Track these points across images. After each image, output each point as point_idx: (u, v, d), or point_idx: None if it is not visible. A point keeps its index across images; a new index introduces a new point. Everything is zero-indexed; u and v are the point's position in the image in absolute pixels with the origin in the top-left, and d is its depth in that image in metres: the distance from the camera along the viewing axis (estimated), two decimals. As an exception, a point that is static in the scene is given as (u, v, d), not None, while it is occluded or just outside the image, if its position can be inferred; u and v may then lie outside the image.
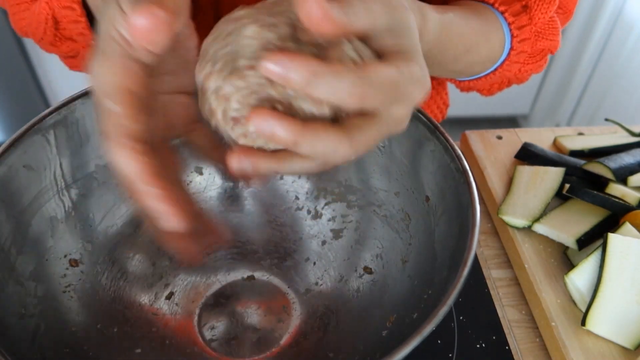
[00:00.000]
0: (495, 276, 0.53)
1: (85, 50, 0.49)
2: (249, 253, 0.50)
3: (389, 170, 0.45)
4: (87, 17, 0.44)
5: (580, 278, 0.47)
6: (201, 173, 0.49)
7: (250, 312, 0.46)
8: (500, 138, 0.66)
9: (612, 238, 0.47)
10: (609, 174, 0.56)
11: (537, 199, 0.56)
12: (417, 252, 0.43)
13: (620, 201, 0.53)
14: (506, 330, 0.48)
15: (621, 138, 0.64)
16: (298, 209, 0.50)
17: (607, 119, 0.71)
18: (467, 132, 0.66)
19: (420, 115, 0.40)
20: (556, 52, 0.52)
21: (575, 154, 0.63)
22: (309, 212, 0.50)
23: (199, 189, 0.49)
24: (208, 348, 0.44)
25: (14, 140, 0.38)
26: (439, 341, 0.47)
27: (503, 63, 0.49)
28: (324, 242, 0.49)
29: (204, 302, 0.47)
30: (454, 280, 0.31)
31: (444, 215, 0.39)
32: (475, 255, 0.33)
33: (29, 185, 0.39)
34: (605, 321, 0.45)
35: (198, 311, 0.46)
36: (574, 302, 0.48)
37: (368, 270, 0.46)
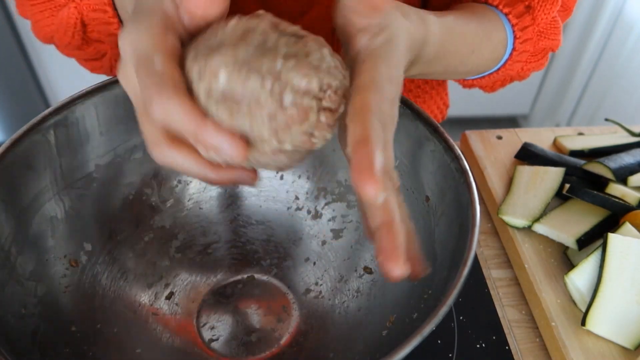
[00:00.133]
0: (495, 276, 0.53)
1: (114, 50, 0.50)
2: (249, 253, 0.50)
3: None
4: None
5: (580, 278, 0.47)
6: (201, 173, 0.49)
7: (250, 312, 0.46)
8: (500, 138, 0.66)
9: (612, 238, 0.48)
10: (609, 174, 0.56)
11: (537, 199, 0.56)
12: (417, 252, 0.42)
13: (620, 201, 0.53)
14: (506, 330, 0.48)
15: (621, 138, 0.64)
16: (298, 209, 0.50)
17: (607, 119, 0.71)
18: (467, 132, 0.66)
19: (420, 115, 0.40)
20: (557, 52, 0.52)
21: (575, 154, 0.63)
22: (309, 212, 0.50)
23: (199, 189, 0.49)
24: (208, 348, 0.44)
25: (14, 140, 0.38)
26: (439, 341, 0.47)
27: (506, 63, 0.49)
28: (324, 242, 0.49)
29: (204, 302, 0.47)
30: (453, 280, 0.31)
31: (444, 215, 0.39)
32: (475, 255, 0.33)
33: (29, 185, 0.39)
34: (605, 321, 0.45)
35: (198, 311, 0.46)
36: (574, 302, 0.48)
37: (368, 270, 0.46)
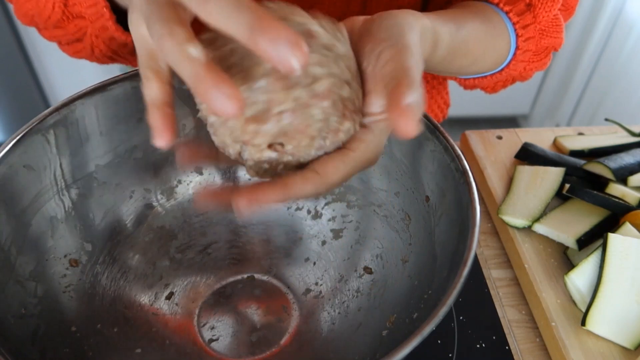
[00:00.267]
0: (495, 276, 0.53)
1: (93, 27, 0.46)
2: (249, 253, 0.50)
3: (389, 170, 0.45)
4: None
5: (580, 278, 0.47)
6: (201, 173, 0.49)
7: (250, 312, 0.46)
8: (500, 138, 0.66)
9: (612, 238, 0.47)
10: (609, 174, 0.56)
11: (537, 199, 0.56)
12: (417, 252, 0.43)
13: (620, 201, 0.53)
14: (506, 330, 0.48)
15: (621, 138, 0.64)
16: (298, 209, 0.50)
17: (607, 119, 0.71)
18: (467, 132, 0.66)
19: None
20: (557, 52, 0.52)
21: (575, 154, 0.63)
22: (309, 212, 0.50)
23: (199, 189, 0.49)
24: (208, 348, 0.44)
25: (14, 140, 0.38)
26: (439, 341, 0.47)
27: (509, 63, 0.49)
28: (324, 242, 0.49)
29: (204, 302, 0.47)
30: (454, 280, 0.31)
31: (444, 215, 0.39)
32: (475, 255, 0.33)
33: (29, 185, 0.39)
34: (605, 321, 0.45)
35: (198, 311, 0.46)
36: (574, 302, 0.48)
37: (368, 270, 0.46)
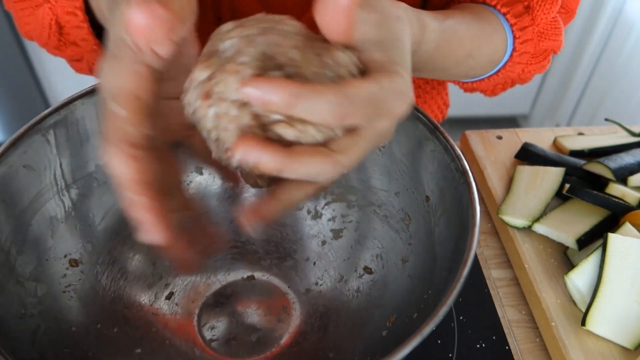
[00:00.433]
0: (495, 276, 0.53)
1: (90, 54, 0.49)
2: (249, 253, 0.50)
3: (389, 170, 0.45)
4: (92, 22, 0.44)
5: (580, 278, 0.47)
6: (201, 173, 0.49)
7: (250, 312, 0.46)
8: (500, 138, 0.66)
9: (612, 238, 0.47)
10: (609, 174, 0.56)
11: (537, 199, 0.56)
12: (417, 252, 0.43)
13: (620, 201, 0.53)
14: (506, 330, 0.48)
15: (621, 138, 0.64)
16: (298, 208, 0.50)
17: (607, 119, 0.71)
18: (467, 132, 0.66)
19: (420, 115, 0.40)
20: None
21: (575, 154, 0.63)
22: (309, 212, 0.50)
23: (199, 189, 0.49)
24: (208, 348, 0.44)
25: (14, 140, 0.38)
26: (439, 341, 0.47)
27: (506, 64, 0.49)
28: (324, 242, 0.49)
29: (204, 302, 0.47)
30: (454, 280, 0.31)
31: (444, 215, 0.39)
32: (475, 255, 0.33)
33: (29, 185, 0.39)
34: (605, 321, 0.45)
35: (198, 311, 0.46)
36: (574, 302, 0.48)
37: (368, 270, 0.46)
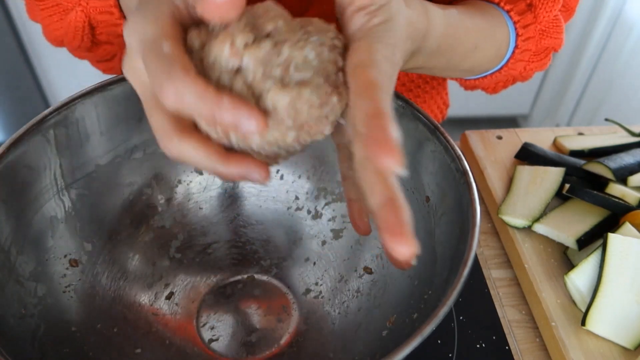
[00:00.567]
0: (495, 276, 0.53)
1: (123, 51, 0.49)
2: (249, 253, 0.50)
3: (389, 170, 0.45)
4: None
5: (580, 278, 0.47)
6: (201, 173, 0.49)
7: (250, 312, 0.46)
8: (500, 138, 0.66)
9: (612, 238, 0.47)
10: (609, 174, 0.56)
11: (537, 199, 0.56)
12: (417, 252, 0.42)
13: (620, 201, 0.53)
14: (506, 330, 0.48)
15: (621, 138, 0.64)
16: (298, 209, 0.50)
17: (607, 119, 0.71)
18: (467, 132, 0.66)
19: (420, 115, 0.40)
20: (557, 52, 0.52)
21: (575, 154, 0.63)
22: (309, 212, 0.50)
23: (199, 189, 0.49)
24: (208, 348, 0.44)
25: (14, 140, 0.38)
26: (439, 341, 0.47)
27: (508, 61, 0.49)
28: (324, 242, 0.49)
29: (204, 302, 0.47)
30: (454, 281, 0.31)
31: (444, 216, 0.39)
32: (475, 256, 0.33)
33: (29, 185, 0.39)
34: (605, 321, 0.45)
35: (198, 311, 0.46)
36: (574, 302, 0.48)
37: (368, 270, 0.46)
